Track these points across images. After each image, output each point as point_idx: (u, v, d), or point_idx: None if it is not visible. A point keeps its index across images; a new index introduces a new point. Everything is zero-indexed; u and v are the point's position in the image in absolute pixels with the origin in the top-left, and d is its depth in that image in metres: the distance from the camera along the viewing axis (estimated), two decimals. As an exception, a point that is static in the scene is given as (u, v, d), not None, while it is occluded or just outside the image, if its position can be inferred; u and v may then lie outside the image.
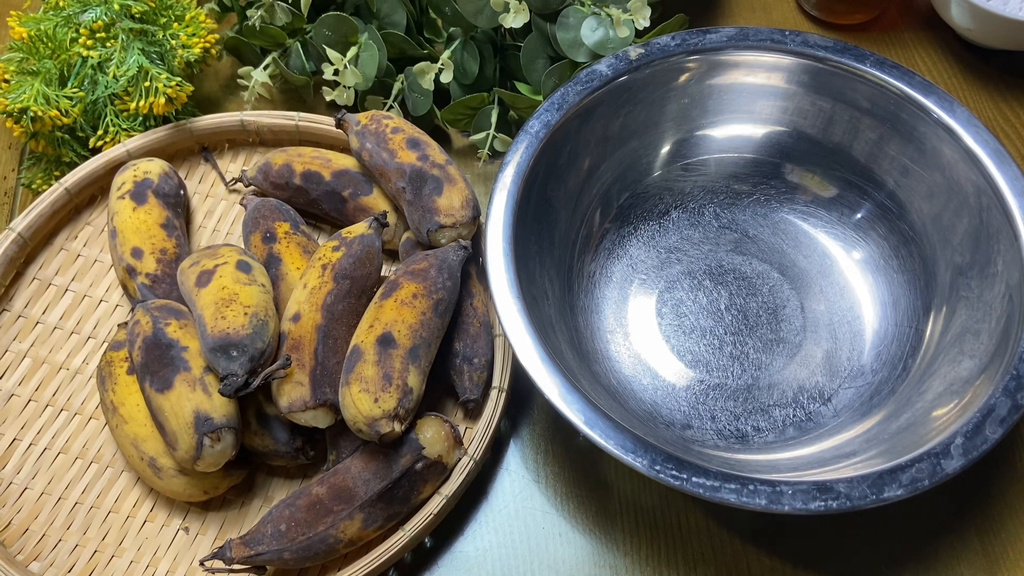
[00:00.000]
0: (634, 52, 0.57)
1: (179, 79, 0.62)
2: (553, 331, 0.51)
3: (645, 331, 0.58)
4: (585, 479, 0.54)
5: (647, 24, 0.60)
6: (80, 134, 0.64)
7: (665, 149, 0.62)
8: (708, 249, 0.61)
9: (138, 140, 0.63)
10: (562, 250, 0.57)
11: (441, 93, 0.66)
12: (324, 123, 0.63)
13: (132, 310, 0.53)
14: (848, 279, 0.60)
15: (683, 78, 0.59)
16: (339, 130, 0.61)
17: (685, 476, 0.43)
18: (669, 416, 0.55)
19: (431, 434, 0.50)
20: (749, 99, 0.60)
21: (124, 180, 0.60)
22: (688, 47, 0.58)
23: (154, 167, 0.61)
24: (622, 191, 0.61)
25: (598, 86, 0.56)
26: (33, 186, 0.65)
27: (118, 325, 0.57)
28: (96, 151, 0.63)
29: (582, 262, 0.59)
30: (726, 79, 0.59)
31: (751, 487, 0.43)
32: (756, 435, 0.54)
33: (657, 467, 0.43)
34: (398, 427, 0.47)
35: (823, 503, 0.43)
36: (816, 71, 0.58)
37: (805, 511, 0.42)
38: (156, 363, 0.49)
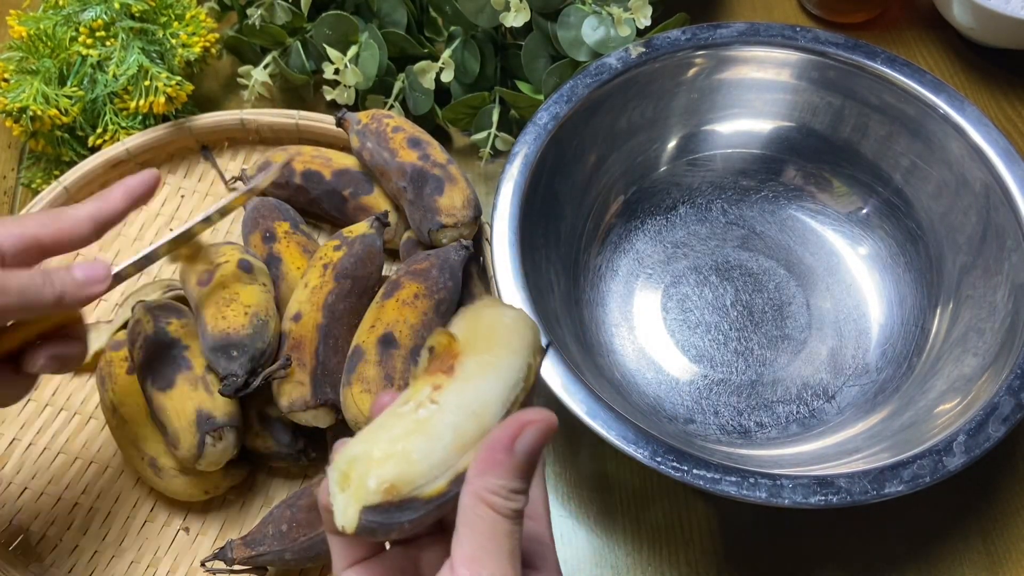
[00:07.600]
0: (635, 50, 0.57)
1: (179, 78, 0.62)
2: (558, 323, 0.51)
3: (650, 325, 0.58)
4: (587, 479, 0.54)
5: (648, 23, 0.60)
6: (80, 133, 0.64)
7: (672, 144, 0.62)
8: (715, 245, 0.61)
9: (138, 139, 0.62)
10: (568, 243, 0.57)
11: (442, 92, 0.66)
12: (324, 122, 0.63)
13: (133, 309, 0.53)
14: (855, 276, 0.59)
15: (692, 72, 0.59)
16: (339, 129, 0.61)
17: (686, 468, 0.43)
18: (672, 410, 0.55)
19: None
20: (758, 94, 0.60)
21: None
22: (698, 41, 0.58)
23: None
24: (629, 185, 0.61)
25: (607, 79, 0.56)
26: (32, 185, 0.65)
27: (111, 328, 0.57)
28: (95, 150, 0.63)
29: (588, 255, 0.59)
30: (735, 74, 0.59)
31: (751, 480, 0.43)
32: (759, 431, 0.54)
33: (658, 459, 0.43)
34: (400, 427, 0.47)
35: (823, 497, 0.42)
36: (826, 67, 0.58)
37: (805, 505, 0.42)
38: (158, 362, 0.49)
